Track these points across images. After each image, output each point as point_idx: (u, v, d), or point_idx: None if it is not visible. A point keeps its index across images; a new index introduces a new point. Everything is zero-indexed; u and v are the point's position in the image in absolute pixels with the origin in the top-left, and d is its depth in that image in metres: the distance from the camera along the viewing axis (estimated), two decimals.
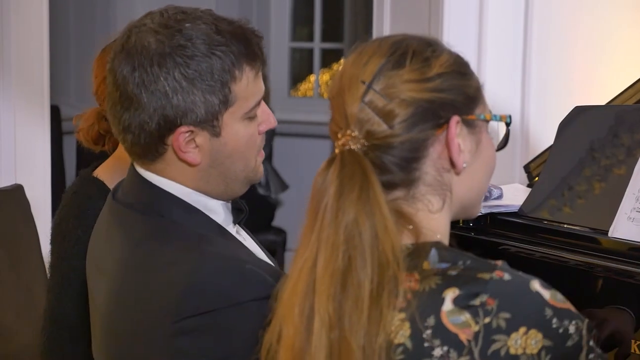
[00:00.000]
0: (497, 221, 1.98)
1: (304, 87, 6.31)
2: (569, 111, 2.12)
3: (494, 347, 1.13)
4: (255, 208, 3.26)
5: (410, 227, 1.22)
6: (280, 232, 5.48)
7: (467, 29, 3.20)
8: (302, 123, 5.90)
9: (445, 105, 1.23)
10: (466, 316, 1.14)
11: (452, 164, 1.24)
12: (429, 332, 1.15)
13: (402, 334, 1.16)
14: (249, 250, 1.59)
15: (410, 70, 1.22)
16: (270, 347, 1.22)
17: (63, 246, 1.99)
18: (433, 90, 1.22)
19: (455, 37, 1.40)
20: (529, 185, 2.52)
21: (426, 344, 1.15)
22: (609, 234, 1.79)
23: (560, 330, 1.15)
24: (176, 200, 1.52)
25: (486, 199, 2.10)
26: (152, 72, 1.46)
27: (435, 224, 1.24)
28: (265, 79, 6.00)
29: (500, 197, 2.14)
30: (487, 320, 1.14)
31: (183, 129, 1.48)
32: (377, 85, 1.21)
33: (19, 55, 3.25)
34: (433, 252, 1.20)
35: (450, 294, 1.15)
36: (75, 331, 1.94)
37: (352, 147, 1.20)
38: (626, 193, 1.81)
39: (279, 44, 6.10)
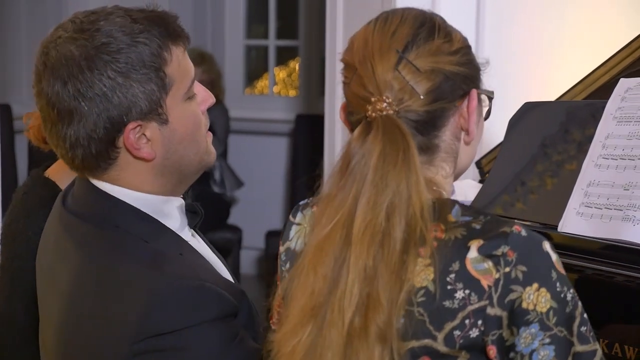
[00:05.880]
0: None
1: (260, 84, 6.30)
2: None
3: (511, 296, 1.22)
4: (210, 206, 3.24)
5: (434, 188, 1.32)
6: (236, 230, 5.44)
7: None
8: (257, 120, 5.88)
9: (466, 79, 1.33)
10: (489, 264, 1.22)
11: (468, 133, 1.34)
12: (452, 275, 1.23)
13: (425, 278, 1.24)
14: (205, 260, 1.58)
15: (439, 44, 1.31)
16: (287, 293, 1.30)
17: (13, 247, 1.95)
18: (456, 63, 1.31)
19: None
20: (480, 181, 2.54)
21: (449, 287, 1.23)
22: (558, 229, 1.80)
23: (562, 295, 1.24)
24: (131, 209, 1.51)
25: None
26: (84, 78, 1.44)
27: (447, 187, 1.35)
28: (220, 77, 6.01)
29: (452, 193, 2.15)
30: (507, 269, 1.22)
31: (131, 125, 1.46)
32: (409, 55, 1.29)
33: None
34: (456, 207, 1.28)
35: (476, 244, 1.23)
36: (26, 333, 1.90)
37: (389, 112, 1.27)
38: (575, 188, 1.82)
39: (234, 41, 6.07)
